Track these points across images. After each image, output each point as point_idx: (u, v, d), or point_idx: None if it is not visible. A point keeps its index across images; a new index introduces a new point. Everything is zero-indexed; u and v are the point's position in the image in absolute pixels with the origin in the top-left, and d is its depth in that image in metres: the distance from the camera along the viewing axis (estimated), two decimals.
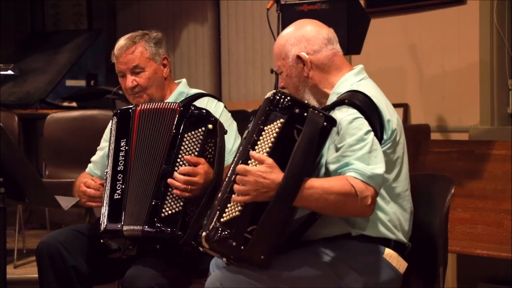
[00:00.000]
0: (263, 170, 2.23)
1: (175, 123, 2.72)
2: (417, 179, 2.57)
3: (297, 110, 2.28)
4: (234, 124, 3.01)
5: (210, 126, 2.71)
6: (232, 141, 2.93)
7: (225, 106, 3.03)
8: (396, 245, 2.41)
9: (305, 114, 2.28)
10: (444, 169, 3.98)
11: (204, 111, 2.76)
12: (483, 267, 4.03)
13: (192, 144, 2.70)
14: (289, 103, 2.29)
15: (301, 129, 2.27)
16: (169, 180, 2.64)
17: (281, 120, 2.28)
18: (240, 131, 2.94)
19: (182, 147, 2.69)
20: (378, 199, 2.35)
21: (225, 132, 2.79)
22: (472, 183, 3.93)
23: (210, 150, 2.71)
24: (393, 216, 2.40)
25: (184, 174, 2.64)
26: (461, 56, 4.35)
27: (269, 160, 2.24)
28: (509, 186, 3.78)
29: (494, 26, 4.17)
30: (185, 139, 2.70)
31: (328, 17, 3.59)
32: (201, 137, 2.70)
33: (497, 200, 3.82)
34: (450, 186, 2.52)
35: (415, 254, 2.49)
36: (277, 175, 2.23)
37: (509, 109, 4.21)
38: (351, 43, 3.63)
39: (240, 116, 3.25)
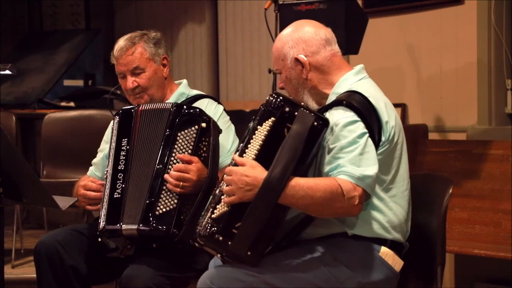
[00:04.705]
0: (245, 169, 2.27)
1: (169, 122, 2.73)
2: (415, 179, 2.57)
3: (287, 109, 2.32)
4: (232, 126, 3.02)
5: (203, 124, 2.72)
6: (230, 142, 2.94)
7: (224, 109, 3.04)
8: (392, 244, 2.41)
9: (296, 113, 2.31)
10: (441, 169, 3.98)
11: (197, 110, 2.77)
12: (480, 267, 4.04)
13: (186, 142, 2.71)
14: (281, 103, 2.33)
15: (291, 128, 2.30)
16: (164, 176, 2.66)
17: (272, 118, 2.32)
18: (238, 130, 2.94)
19: (176, 146, 2.70)
20: (375, 200, 2.36)
21: (220, 131, 2.80)
22: (470, 183, 3.94)
23: (204, 149, 2.72)
24: (391, 216, 2.40)
25: (177, 171, 2.65)
26: (459, 56, 4.35)
27: (250, 161, 2.29)
28: (507, 186, 3.78)
29: (491, 26, 4.17)
30: (178, 138, 2.71)
31: (326, 17, 3.59)
32: (194, 135, 2.72)
33: (494, 200, 3.83)
34: (448, 186, 2.53)
35: (413, 254, 2.49)
36: (260, 173, 2.26)
37: (507, 109, 4.21)
38: (349, 43, 3.63)
39: (237, 116, 3.26)
